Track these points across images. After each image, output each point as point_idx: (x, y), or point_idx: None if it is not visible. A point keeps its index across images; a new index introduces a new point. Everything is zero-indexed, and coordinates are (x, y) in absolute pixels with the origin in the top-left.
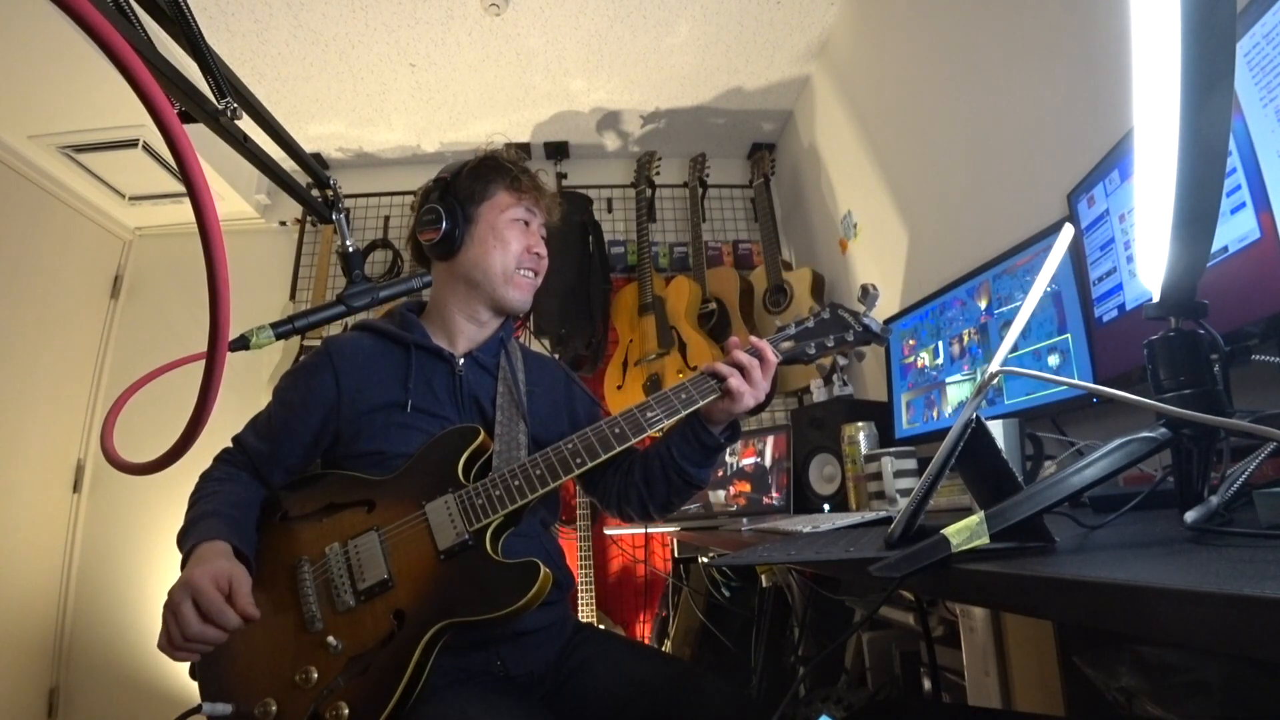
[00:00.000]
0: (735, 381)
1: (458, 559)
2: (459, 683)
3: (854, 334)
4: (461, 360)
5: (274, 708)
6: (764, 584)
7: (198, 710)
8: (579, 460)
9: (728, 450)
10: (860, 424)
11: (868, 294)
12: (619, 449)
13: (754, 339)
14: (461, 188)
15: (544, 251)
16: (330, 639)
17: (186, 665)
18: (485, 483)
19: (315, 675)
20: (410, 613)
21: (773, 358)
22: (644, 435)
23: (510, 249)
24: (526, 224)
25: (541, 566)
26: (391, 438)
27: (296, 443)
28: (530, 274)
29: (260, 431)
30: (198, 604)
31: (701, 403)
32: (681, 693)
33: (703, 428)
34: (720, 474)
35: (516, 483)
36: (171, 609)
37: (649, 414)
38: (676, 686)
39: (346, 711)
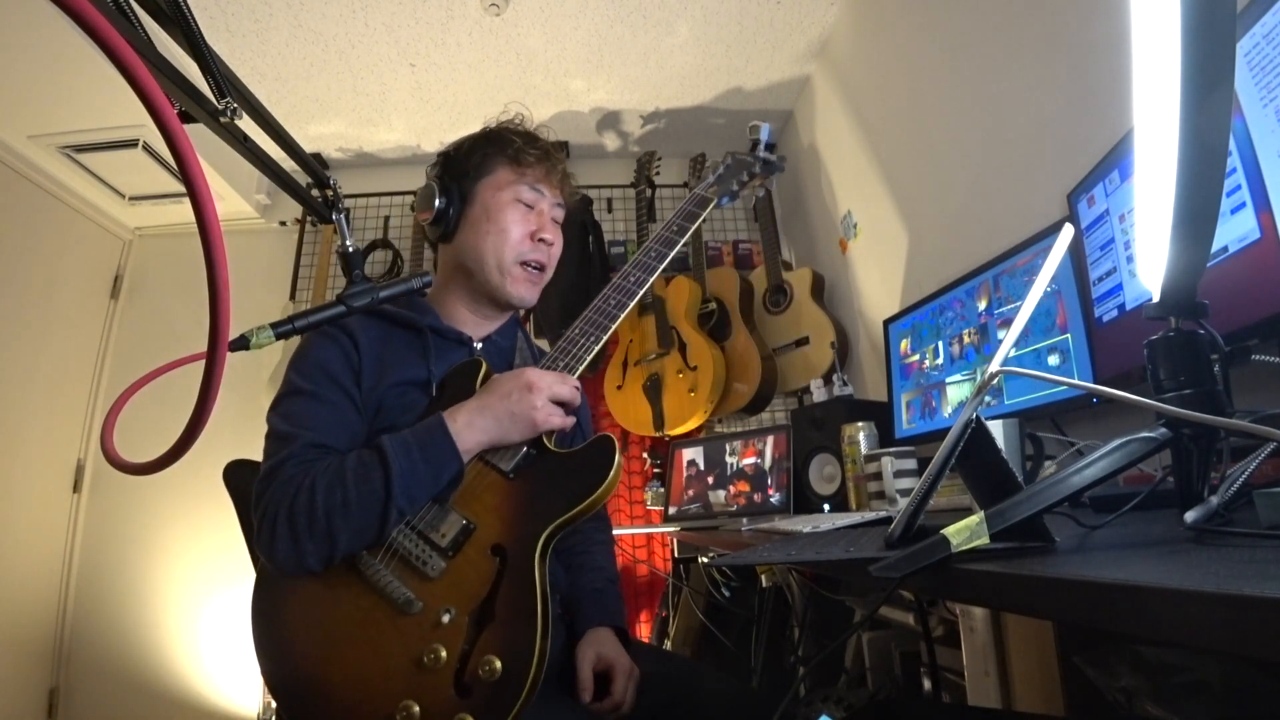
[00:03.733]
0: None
1: (527, 472)
2: None
3: (758, 166)
4: (479, 344)
5: (416, 709)
6: (764, 584)
7: None
8: (592, 338)
9: (728, 450)
10: (860, 424)
11: (755, 129)
12: (625, 311)
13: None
14: (461, 162)
15: (553, 237)
16: (440, 609)
17: (185, 666)
18: None
19: (444, 652)
20: (508, 541)
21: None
22: (635, 299)
23: (508, 236)
24: (530, 206)
25: (611, 437)
26: (408, 414)
27: (366, 424)
28: (533, 267)
29: (337, 429)
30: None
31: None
32: (685, 687)
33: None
34: (720, 474)
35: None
36: (545, 387)
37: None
38: (679, 681)
39: (498, 663)
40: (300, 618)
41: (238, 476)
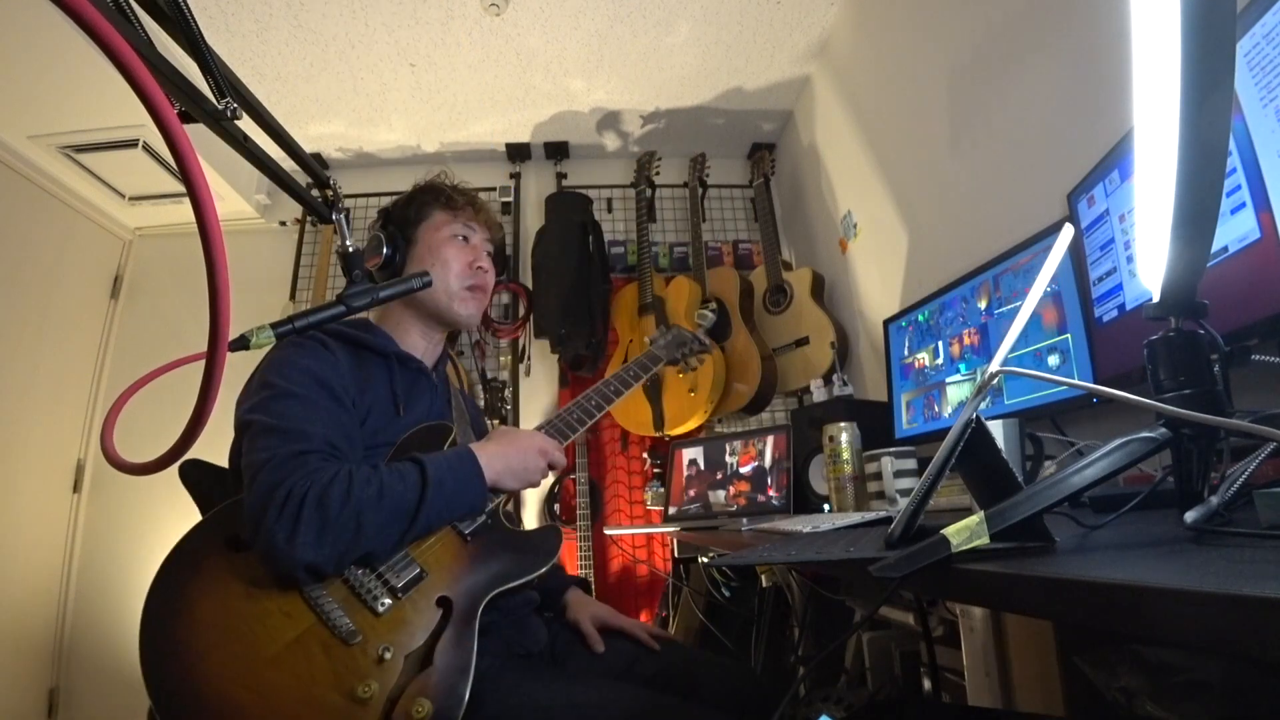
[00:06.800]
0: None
1: (483, 537)
2: (506, 668)
3: (697, 343)
4: (434, 373)
5: None
6: (764, 584)
7: None
8: (564, 437)
9: (728, 451)
10: (843, 424)
11: (705, 316)
12: (590, 423)
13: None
14: (400, 214)
15: (487, 266)
16: (380, 645)
17: None
18: None
19: (375, 686)
20: (455, 594)
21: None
22: (608, 406)
23: (450, 267)
24: (465, 239)
25: (559, 528)
26: (382, 436)
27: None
28: (476, 290)
29: (346, 433)
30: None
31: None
32: (684, 671)
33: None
34: (720, 475)
35: None
36: (546, 454)
37: (610, 387)
38: (672, 657)
39: (430, 705)
40: (217, 627)
41: (198, 476)
